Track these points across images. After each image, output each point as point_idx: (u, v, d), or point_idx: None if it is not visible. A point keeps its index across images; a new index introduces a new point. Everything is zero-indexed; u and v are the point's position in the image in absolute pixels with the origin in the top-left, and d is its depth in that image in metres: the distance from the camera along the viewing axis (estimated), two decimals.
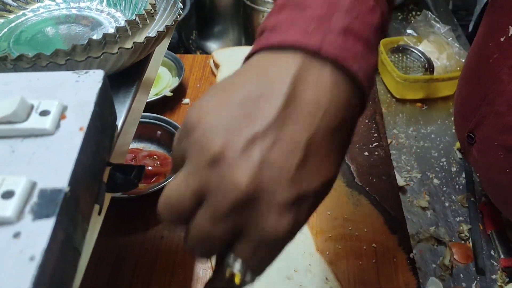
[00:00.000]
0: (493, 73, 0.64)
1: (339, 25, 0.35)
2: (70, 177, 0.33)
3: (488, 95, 0.65)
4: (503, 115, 0.63)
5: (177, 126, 0.91)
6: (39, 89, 0.40)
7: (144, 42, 0.48)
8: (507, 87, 0.61)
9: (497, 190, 0.73)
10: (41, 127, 0.36)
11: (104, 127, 0.41)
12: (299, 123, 0.33)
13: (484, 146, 0.68)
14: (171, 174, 0.54)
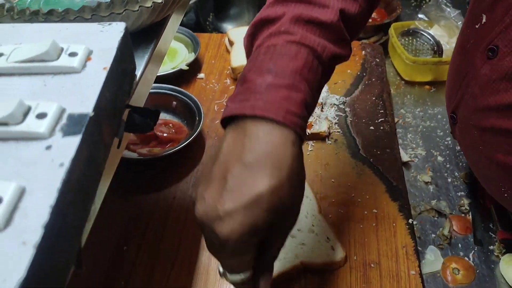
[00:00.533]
0: (469, 57, 0.68)
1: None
2: (94, 105, 0.37)
3: (466, 77, 0.69)
4: (476, 97, 0.66)
5: (191, 97, 0.95)
6: (68, 36, 0.45)
7: (163, 2, 0.53)
8: (480, 71, 0.65)
9: (476, 167, 0.77)
10: (70, 65, 0.40)
11: (125, 71, 0.46)
12: (217, 164, 0.49)
13: (463, 125, 0.72)
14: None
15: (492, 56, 0.62)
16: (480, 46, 0.65)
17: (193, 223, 0.78)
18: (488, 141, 0.67)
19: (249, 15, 1.38)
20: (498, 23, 0.61)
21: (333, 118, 0.98)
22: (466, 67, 0.69)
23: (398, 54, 1.20)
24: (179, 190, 0.84)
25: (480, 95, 0.65)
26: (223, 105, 1.02)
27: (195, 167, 0.88)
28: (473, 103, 0.68)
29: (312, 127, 0.93)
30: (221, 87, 1.07)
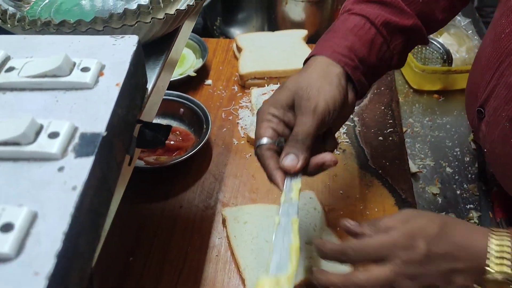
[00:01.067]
0: (505, 47, 0.68)
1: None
2: (107, 124, 0.37)
3: (499, 67, 0.69)
4: (511, 86, 0.66)
5: (199, 104, 0.95)
6: (80, 49, 0.44)
7: (175, 14, 0.52)
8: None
9: (502, 166, 0.76)
10: (82, 81, 0.40)
11: (137, 86, 0.45)
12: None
13: (492, 118, 0.72)
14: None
15: None
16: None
17: (200, 232, 0.78)
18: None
19: (257, 20, 1.38)
20: None
21: (341, 128, 0.97)
22: (500, 57, 0.69)
23: (407, 62, 1.18)
24: (186, 199, 0.83)
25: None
26: (230, 113, 1.02)
27: (202, 176, 0.87)
28: (508, 93, 0.67)
29: None
30: (229, 94, 1.06)
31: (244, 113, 1.00)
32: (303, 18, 1.20)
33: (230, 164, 0.90)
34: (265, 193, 0.84)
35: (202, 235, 0.77)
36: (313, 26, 1.22)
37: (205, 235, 0.77)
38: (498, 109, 0.70)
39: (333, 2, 1.21)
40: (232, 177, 0.87)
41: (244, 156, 0.91)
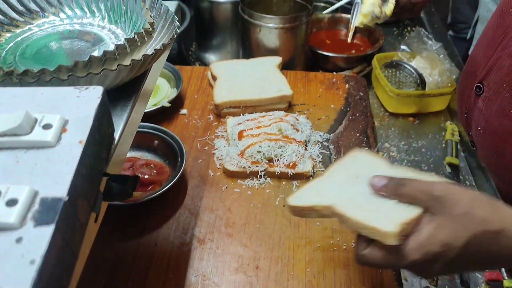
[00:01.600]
0: (507, 19, 0.71)
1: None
2: (69, 187, 0.35)
3: (503, 40, 0.71)
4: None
5: (173, 136, 0.94)
6: (43, 103, 0.43)
7: (142, 59, 0.51)
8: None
9: (497, 144, 0.77)
10: (44, 140, 0.39)
11: (102, 139, 0.44)
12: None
13: (492, 91, 0.74)
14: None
15: None
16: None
17: (176, 270, 0.76)
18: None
19: (232, 46, 1.38)
20: None
21: (317, 156, 0.97)
22: (505, 30, 0.71)
23: (382, 86, 1.20)
24: (161, 235, 0.81)
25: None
26: (206, 143, 1.01)
27: (177, 211, 0.86)
28: (510, 61, 0.69)
29: (296, 167, 0.91)
30: (204, 124, 1.05)
31: (220, 143, 0.99)
32: (277, 45, 1.20)
33: (206, 197, 0.88)
34: (241, 226, 0.83)
35: (177, 274, 0.76)
36: (288, 52, 1.22)
37: (180, 274, 0.76)
38: (499, 80, 0.73)
39: (306, 28, 1.22)
40: (207, 211, 0.86)
41: (220, 188, 0.90)
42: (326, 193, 0.64)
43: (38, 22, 0.64)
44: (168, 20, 0.61)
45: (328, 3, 1.59)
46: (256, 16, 1.17)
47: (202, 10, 1.32)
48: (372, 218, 0.56)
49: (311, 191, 0.65)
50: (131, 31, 0.61)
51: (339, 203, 0.60)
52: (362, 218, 0.56)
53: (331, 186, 0.65)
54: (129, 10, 0.62)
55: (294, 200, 0.64)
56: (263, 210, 0.86)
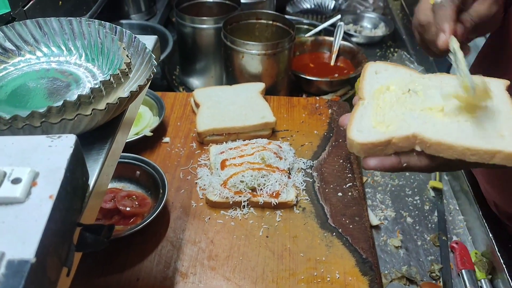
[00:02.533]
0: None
1: None
2: (37, 247, 0.34)
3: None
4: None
5: (155, 167, 0.93)
6: (13, 154, 0.42)
7: (117, 102, 0.51)
8: None
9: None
10: (13, 196, 0.38)
11: (75, 190, 0.43)
12: None
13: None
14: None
15: None
16: None
17: None
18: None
19: (216, 70, 1.38)
20: None
21: (300, 184, 0.97)
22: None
23: None
24: (143, 270, 0.80)
25: None
26: (189, 172, 1.00)
27: (159, 244, 0.85)
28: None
29: (280, 196, 0.91)
30: (187, 152, 1.05)
31: (203, 172, 0.98)
32: (260, 71, 1.20)
33: (188, 229, 0.87)
34: (224, 259, 0.82)
35: None
36: (271, 77, 1.22)
37: None
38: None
39: (289, 53, 1.22)
40: (190, 243, 0.85)
41: (203, 220, 0.90)
42: (392, 118, 0.56)
43: (14, 61, 0.63)
44: (146, 58, 0.61)
45: (312, 25, 1.60)
46: (238, 42, 1.17)
47: (185, 35, 1.32)
48: (485, 140, 0.52)
49: (370, 122, 0.57)
50: (108, 69, 0.61)
51: (423, 129, 0.53)
52: (470, 143, 0.51)
53: (390, 110, 0.57)
54: (106, 49, 0.62)
55: (359, 135, 0.55)
56: (247, 241, 0.85)
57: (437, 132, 0.54)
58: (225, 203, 0.90)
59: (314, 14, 1.74)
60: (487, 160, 0.52)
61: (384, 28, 1.73)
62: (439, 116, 0.56)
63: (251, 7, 1.44)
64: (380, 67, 0.65)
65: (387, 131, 0.55)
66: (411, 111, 0.57)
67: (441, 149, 0.53)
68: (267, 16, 1.31)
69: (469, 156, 0.52)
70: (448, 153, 0.53)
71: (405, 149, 0.55)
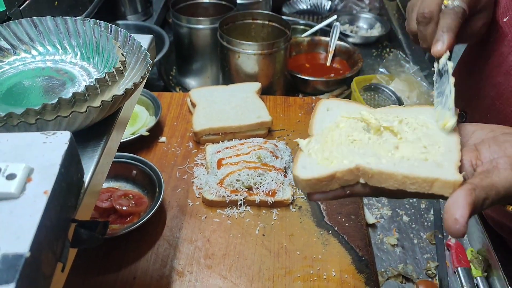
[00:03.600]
0: (489, 49, 0.72)
1: None
2: (31, 242, 0.35)
3: (486, 69, 0.72)
4: (500, 85, 0.69)
5: (152, 166, 0.93)
6: (8, 150, 0.42)
7: (112, 100, 0.51)
8: (508, 59, 0.68)
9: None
10: (7, 191, 0.38)
11: (70, 186, 0.43)
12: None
13: (474, 120, 0.73)
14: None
15: None
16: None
17: None
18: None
19: (212, 70, 1.38)
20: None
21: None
22: (487, 59, 0.72)
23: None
24: (140, 269, 0.80)
25: (504, 82, 0.68)
26: (185, 171, 1.00)
27: (155, 243, 0.85)
28: (494, 92, 0.70)
29: (276, 195, 0.91)
30: (183, 151, 1.05)
31: (199, 171, 0.99)
32: (256, 71, 1.20)
33: (185, 228, 0.88)
34: (220, 258, 0.82)
35: None
36: (267, 77, 1.23)
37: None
38: (482, 109, 0.72)
39: (285, 53, 1.23)
40: (187, 242, 0.85)
41: (199, 218, 0.90)
42: (337, 155, 0.57)
43: (9, 60, 0.63)
44: (141, 57, 0.61)
45: (308, 25, 1.61)
46: (234, 42, 1.17)
47: (181, 35, 1.32)
48: (422, 168, 0.52)
49: (315, 159, 0.57)
50: (103, 68, 0.61)
51: (365, 161, 0.54)
52: (409, 171, 0.51)
53: (337, 147, 0.58)
54: (101, 47, 0.62)
55: (303, 172, 0.55)
56: (243, 240, 0.85)
57: (379, 162, 0.54)
58: (222, 202, 0.91)
59: (310, 15, 1.75)
60: (426, 189, 0.52)
61: (380, 28, 1.73)
62: (384, 148, 0.57)
63: (247, 8, 1.44)
64: (332, 104, 0.65)
65: (331, 166, 0.55)
66: (358, 147, 0.58)
67: (382, 179, 0.53)
68: (263, 17, 1.31)
69: (409, 186, 0.52)
70: (389, 183, 0.53)
71: (350, 183, 0.55)
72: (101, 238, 0.46)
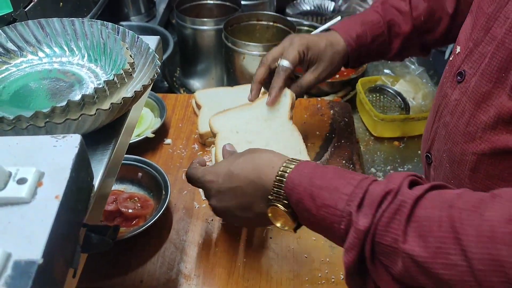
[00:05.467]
0: (442, 90, 0.72)
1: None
2: (44, 248, 0.34)
3: (438, 110, 0.72)
4: (447, 125, 0.68)
5: (157, 168, 0.92)
6: (18, 154, 0.42)
7: (121, 102, 0.50)
8: (451, 98, 0.68)
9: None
10: (18, 196, 0.37)
11: (81, 190, 0.43)
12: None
13: (437, 162, 0.73)
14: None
15: (460, 80, 0.66)
16: (451, 74, 0.70)
17: None
18: (456, 172, 0.67)
19: (216, 72, 1.37)
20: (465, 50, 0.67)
21: None
22: (439, 101, 0.73)
23: (367, 110, 1.20)
24: (146, 272, 0.80)
25: (451, 121, 0.67)
26: None
27: (162, 246, 0.84)
28: (445, 132, 0.69)
29: None
30: (189, 153, 1.04)
31: None
32: None
33: (192, 230, 0.87)
34: (228, 261, 0.82)
35: None
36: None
37: None
38: (440, 150, 0.72)
39: None
40: (193, 245, 0.84)
41: (206, 221, 0.89)
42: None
43: (16, 62, 0.62)
44: (149, 58, 0.60)
45: (312, 26, 1.60)
46: (239, 44, 1.17)
47: (185, 36, 1.32)
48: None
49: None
50: (111, 70, 0.60)
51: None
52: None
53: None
54: (109, 49, 0.61)
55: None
56: (250, 243, 0.85)
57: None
58: None
59: (313, 16, 1.74)
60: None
61: None
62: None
63: (251, 9, 1.44)
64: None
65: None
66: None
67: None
68: (268, 18, 1.30)
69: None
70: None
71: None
72: (112, 242, 0.45)
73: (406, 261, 0.47)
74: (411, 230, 0.48)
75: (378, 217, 0.50)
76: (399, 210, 0.49)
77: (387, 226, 0.49)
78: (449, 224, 0.46)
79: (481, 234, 0.43)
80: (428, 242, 0.46)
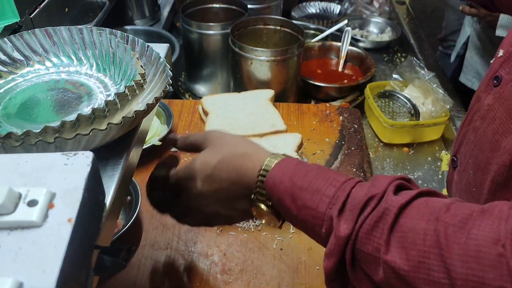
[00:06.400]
0: (477, 93, 0.70)
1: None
2: (58, 276, 0.32)
3: (470, 114, 0.70)
4: (477, 130, 0.66)
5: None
6: (28, 172, 0.40)
7: (133, 116, 0.48)
8: (483, 102, 0.66)
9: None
10: (29, 219, 0.35)
11: (93, 211, 0.41)
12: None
13: (462, 166, 0.71)
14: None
15: (496, 84, 0.64)
16: (486, 77, 0.67)
17: None
18: (479, 180, 0.65)
19: (223, 77, 1.36)
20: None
21: None
22: (472, 105, 0.71)
23: (376, 116, 1.18)
24: (155, 284, 0.78)
25: (481, 126, 0.65)
26: None
27: (170, 257, 0.82)
28: (475, 137, 0.67)
29: None
30: None
31: None
32: (269, 77, 1.18)
33: (200, 241, 0.85)
34: (238, 273, 0.80)
35: None
36: (279, 84, 1.20)
37: None
38: (466, 155, 0.70)
39: (298, 59, 1.20)
40: (202, 257, 0.82)
41: (214, 232, 0.87)
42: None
43: (22, 72, 0.60)
44: (160, 68, 0.58)
45: (318, 30, 1.58)
46: (247, 49, 1.15)
47: (191, 41, 1.30)
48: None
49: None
50: (121, 80, 0.59)
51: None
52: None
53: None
54: (118, 58, 0.59)
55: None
56: (260, 254, 0.83)
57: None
58: None
59: (319, 19, 1.72)
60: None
61: (390, 33, 1.71)
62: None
63: (258, 13, 1.42)
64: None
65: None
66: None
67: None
68: (275, 22, 1.29)
69: None
70: None
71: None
72: (125, 264, 0.43)
73: (387, 272, 0.46)
74: (394, 240, 0.46)
75: (359, 223, 0.48)
76: (382, 218, 0.47)
77: (369, 234, 0.47)
78: (434, 239, 0.44)
79: (467, 254, 0.41)
80: (411, 255, 0.44)
